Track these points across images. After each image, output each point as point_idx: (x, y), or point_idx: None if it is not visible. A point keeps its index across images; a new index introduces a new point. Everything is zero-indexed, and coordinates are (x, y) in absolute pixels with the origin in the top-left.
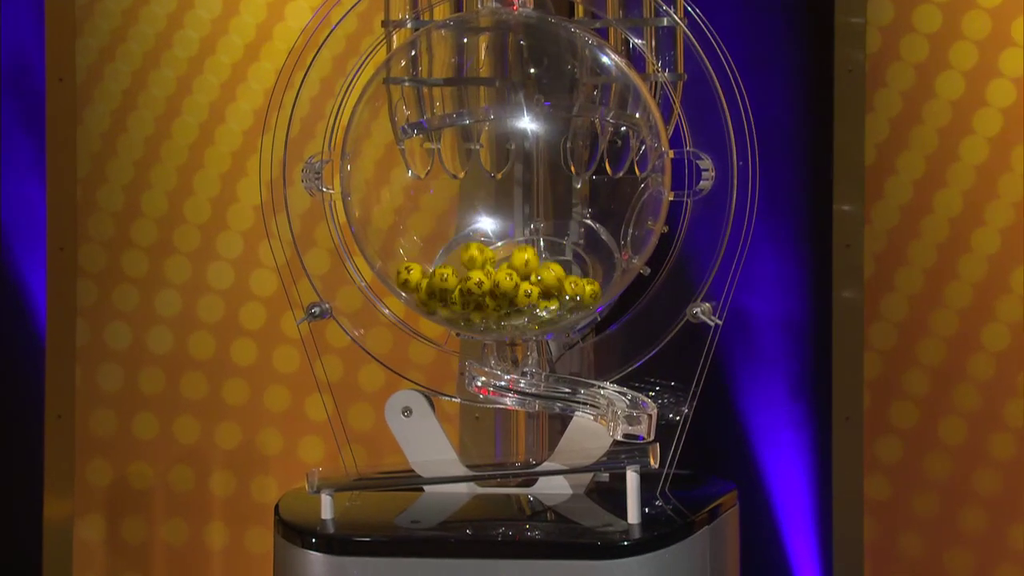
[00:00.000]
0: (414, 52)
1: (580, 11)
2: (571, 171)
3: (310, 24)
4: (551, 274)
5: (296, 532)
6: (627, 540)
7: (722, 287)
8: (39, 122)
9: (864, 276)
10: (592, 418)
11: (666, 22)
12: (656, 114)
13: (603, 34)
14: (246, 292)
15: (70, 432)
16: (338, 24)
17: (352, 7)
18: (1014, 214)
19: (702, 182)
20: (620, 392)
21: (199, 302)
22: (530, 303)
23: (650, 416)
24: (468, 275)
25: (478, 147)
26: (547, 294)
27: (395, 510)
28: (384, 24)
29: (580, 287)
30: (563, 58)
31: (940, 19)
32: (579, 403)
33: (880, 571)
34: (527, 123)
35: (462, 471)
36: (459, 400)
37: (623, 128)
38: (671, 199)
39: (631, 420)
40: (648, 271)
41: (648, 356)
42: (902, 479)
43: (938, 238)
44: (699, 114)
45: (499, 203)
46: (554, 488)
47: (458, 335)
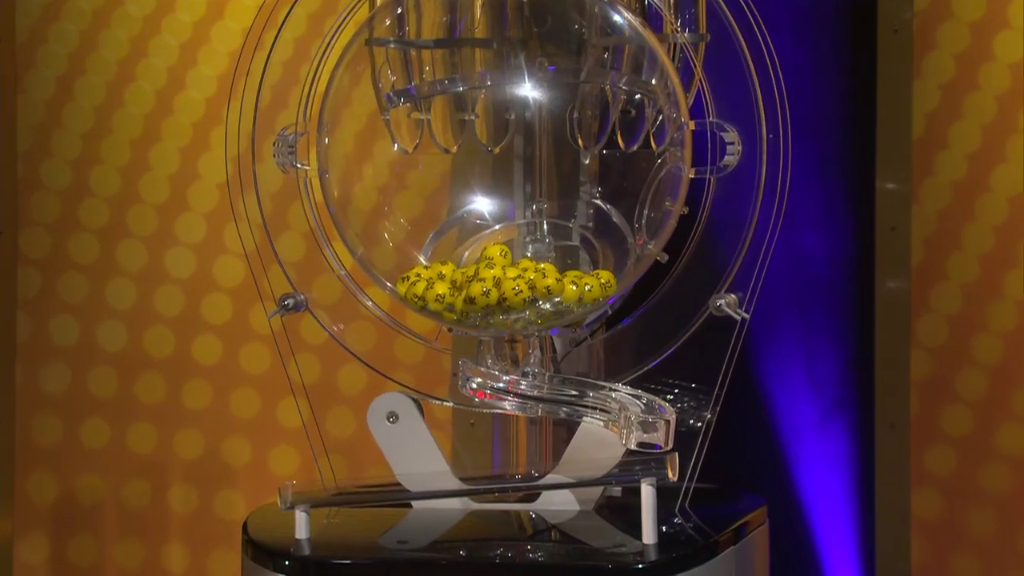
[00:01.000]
0: (400, 9)
1: None
2: (578, 145)
3: None
4: (545, 282)
5: (267, 554)
6: (642, 563)
7: (749, 276)
8: None
9: (911, 264)
10: (602, 424)
11: None
12: (675, 80)
13: None
14: (209, 282)
15: (9, 440)
16: None
17: None
18: None
19: (727, 157)
20: (634, 395)
21: (156, 293)
22: (522, 299)
23: (668, 422)
24: (472, 274)
25: (473, 117)
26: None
27: (379, 529)
28: None
29: (589, 284)
30: (569, 16)
31: None
32: (587, 407)
33: None
34: (528, 90)
35: (455, 484)
36: (452, 404)
37: (637, 96)
38: (692, 176)
39: (646, 427)
40: (666, 258)
41: (666, 354)
42: (955, 494)
43: (995, 220)
44: (723, 80)
45: (497, 181)
46: (559, 504)
47: (450, 331)
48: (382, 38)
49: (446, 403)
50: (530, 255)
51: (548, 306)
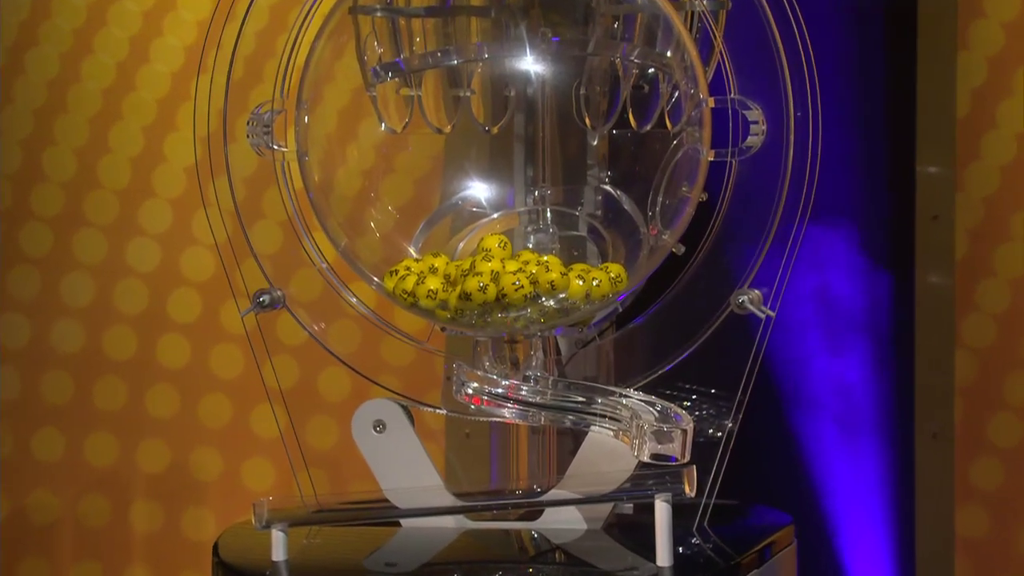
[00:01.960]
0: None
1: None
2: (586, 125)
3: None
4: (548, 276)
5: None
6: None
7: (775, 270)
8: None
9: (955, 256)
10: (611, 434)
11: None
12: (692, 52)
13: None
14: (176, 276)
15: None
16: None
17: None
18: None
19: (750, 138)
20: (647, 402)
21: (116, 288)
22: (522, 296)
23: (684, 432)
24: (468, 268)
25: (468, 94)
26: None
27: (364, 550)
28: None
29: (597, 280)
30: None
31: None
32: (595, 415)
33: None
34: (530, 64)
35: (448, 501)
36: (445, 412)
37: (651, 70)
38: (711, 159)
39: (661, 437)
40: (682, 250)
41: (682, 356)
42: (1004, 511)
43: None
44: (747, 52)
45: (495, 165)
46: (564, 522)
47: (443, 330)
48: (367, 6)
49: (439, 411)
50: (532, 246)
51: (552, 303)
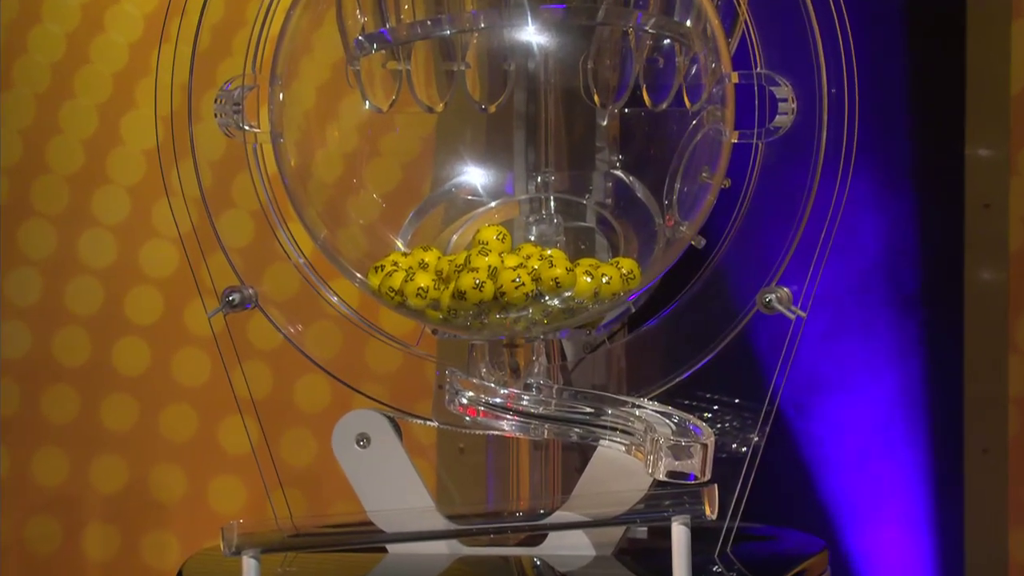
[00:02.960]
0: None
1: None
2: (594, 102)
3: None
4: (552, 272)
5: None
6: None
7: (806, 265)
8: None
9: (1009, 249)
10: (623, 449)
11: None
12: (714, 21)
13: None
14: (134, 272)
15: None
16: None
17: None
18: None
19: (778, 117)
20: (662, 413)
21: (68, 286)
22: (524, 294)
23: (705, 446)
24: (462, 263)
25: (463, 68)
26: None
27: None
28: None
29: (608, 277)
30: None
31: None
32: (605, 428)
33: None
34: (532, 34)
35: (440, 524)
36: (436, 424)
37: (667, 41)
38: (735, 141)
39: (678, 452)
40: (703, 242)
41: (702, 362)
42: None
43: None
44: (775, 20)
45: (492, 147)
46: (570, 548)
47: (435, 333)
48: None
49: (429, 423)
50: (534, 239)
51: (556, 302)
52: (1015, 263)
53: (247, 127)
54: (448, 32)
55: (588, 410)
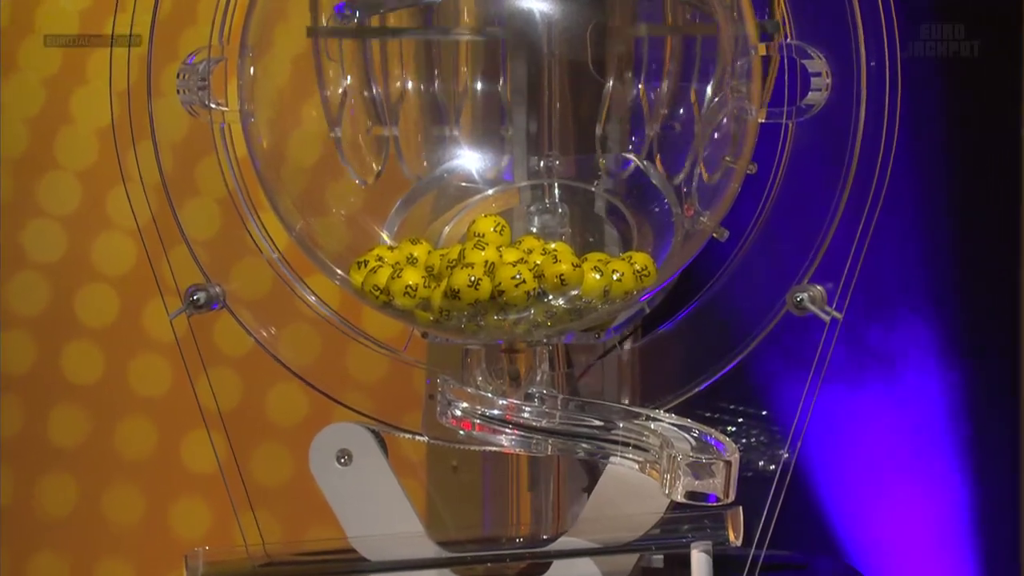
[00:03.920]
0: None
1: None
2: (602, 76)
3: None
4: (556, 268)
5: None
6: None
7: (842, 261)
8: None
9: None
10: (636, 467)
11: None
12: None
13: None
14: (85, 268)
15: None
16: None
17: None
18: None
19: (811, 94)
20: (681, 426)
21: (10, 284)
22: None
23: (728, 464)
24: (456, 258)
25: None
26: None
27: None
28: None
29: (620, 272)
30: None
31: None
32: (616, 443)
33: None
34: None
35: (430, 551)
36: (426, 439)
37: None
38: (762, 121)
39: (698, 470)
40: (726, 235)
41: (726, 369)
42: None
43: None
44: None
45: (488, 127)
46: None
47: (425, 336)
48: None
49: (419, 437)
50: (536, 231)
51: (561, 302)
52: None
53: (214, 104)
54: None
55: (597, 423)
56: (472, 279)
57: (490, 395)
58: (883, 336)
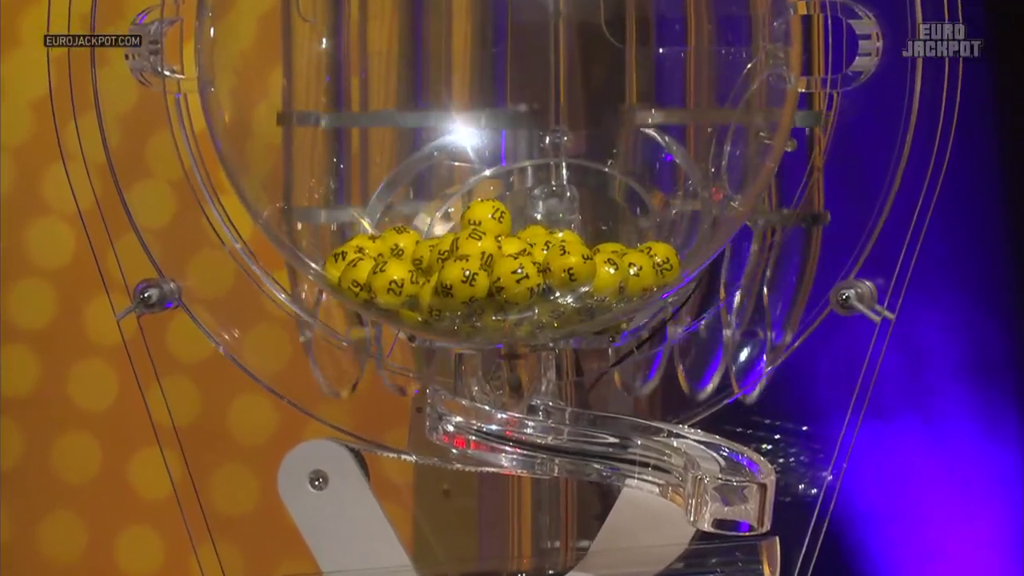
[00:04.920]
0: None
1: None
2: (617, 38)
3: None
4: (565, 261)
5: None
6: None
7: (895, 253)
8: None
9: None
10: (656, 491)
11: None
12: None
13: None
14: (18, 261)
15: None
16: None
17: None
18: None
19: (859, 59)
20: (708, 444)
21: None
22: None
23: (763, 487)
24: (448, 248)
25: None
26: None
27: None
28: None
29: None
30: None
31: None
32: (633, 463)
33: None
34: None
35: None
36: (414, 459)
37: None
38: (802, 91)
39: (728, 495)
40: (762, 221)
41: (760, 377)
42: None
43: None
44: None
45: (485, 97)
46: None
47: (412, 341)
48: None
49: (405, 457)
50: (541, 218)
51: (570, 300)
52: None
53: (167, 72)
54: None
55: (611, 440)
56: (467, 273)
57: (487, 408)
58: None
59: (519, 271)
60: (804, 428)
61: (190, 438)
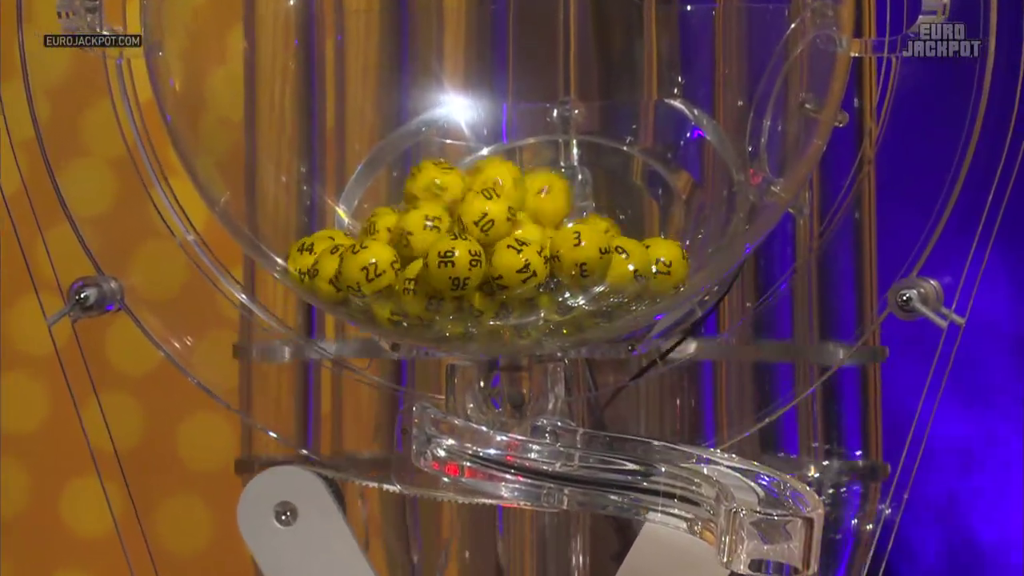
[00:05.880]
0: None
1: None
2: None
3: None
4: (577, 254)
5: None
6: None
7: (964, 250)
8: None
9: None
10: (684, 526)
11: None
12: None
13: None
14: None
15: None
16: None
17: None
18: None
19: (922, 18)
20: (744, 470)
21: None
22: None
23: (809, 522)
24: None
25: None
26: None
27: None
28: None
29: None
30: None
31: None
32: (656, 494)
33: None
34: None
35: None
36: (397, 489)
37: None
38: (855, 55)
39: (769, 531)
40: (806, 212)
41: (806, 392)
42: None
43: None
44: None
45: (483, 63)
46: None
47: (395, 349)
48: None
49: (387, 487)
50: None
51: (582, 300)
52: None
53: (107, 33)
54: None
55: (631, 466)
56: (473, 255)
57: (485, 429)
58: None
59: (525, 268)
60: (858, 452)
61: (134, 464)
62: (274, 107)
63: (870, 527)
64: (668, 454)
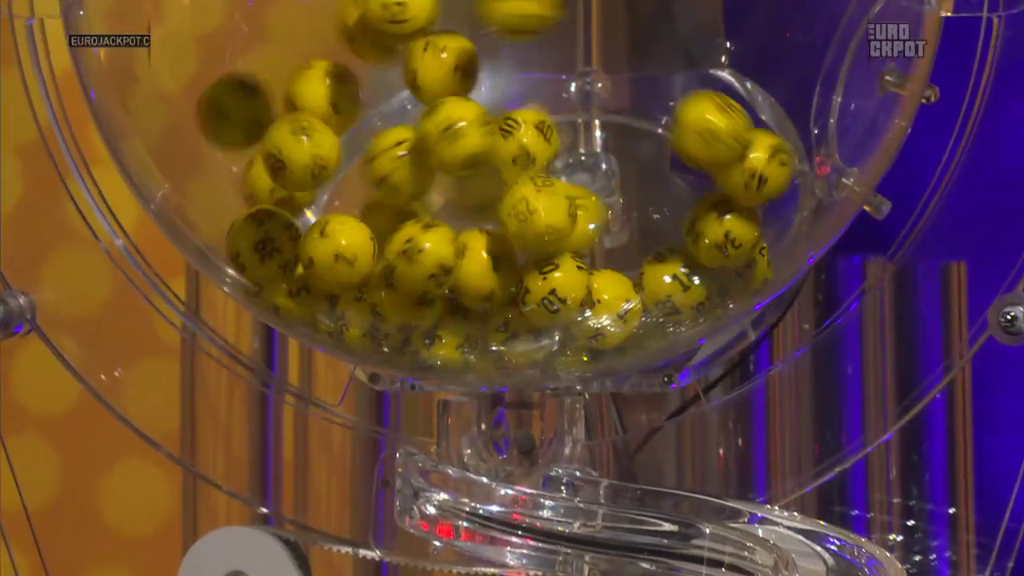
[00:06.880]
0: None
1: None
2: None
3: None
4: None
5: None
6: None
7: None
8: None
9: None
10: None
11: None
12: None
13: None
14: None
15: None
16: None
17: None
18: None
19: None
20: (806, 532)
21: None
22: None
23: None
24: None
25: None
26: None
27: None
28: None
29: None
30: None
31: None
32: (698, 560)
33: None
34: None
35: None
36: (377, 556)
37: None
38: (945, 15)
39: None
40: (885, 209)
41: (887, 436)
42: None
43: None
44: None
45: (484, 28)
46: None
47: (374, 381)
48: None
49: (365, 553)
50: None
51: (606, 321)
52: None
53: None
54: None
55: (667, 527)
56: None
57: (485, 479)
58: None
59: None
60: (952, 511)
61: (47, 525)
62: (223, 76)
63: None
64: (712, 510)
